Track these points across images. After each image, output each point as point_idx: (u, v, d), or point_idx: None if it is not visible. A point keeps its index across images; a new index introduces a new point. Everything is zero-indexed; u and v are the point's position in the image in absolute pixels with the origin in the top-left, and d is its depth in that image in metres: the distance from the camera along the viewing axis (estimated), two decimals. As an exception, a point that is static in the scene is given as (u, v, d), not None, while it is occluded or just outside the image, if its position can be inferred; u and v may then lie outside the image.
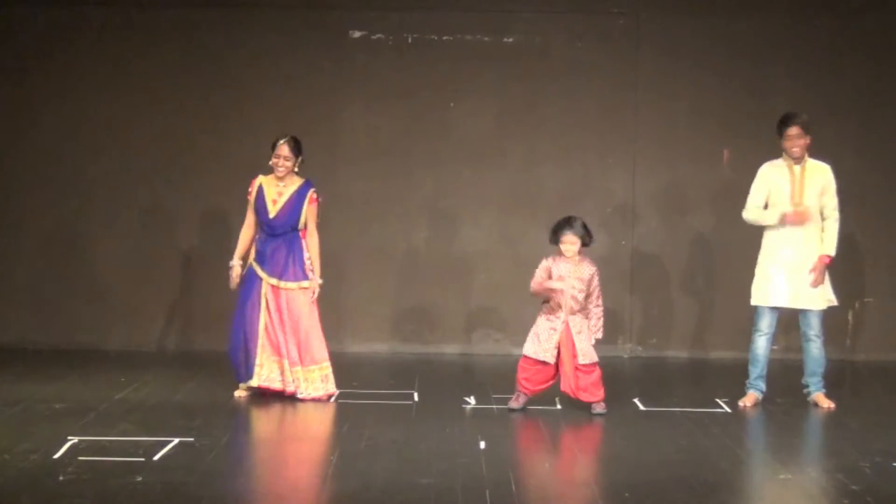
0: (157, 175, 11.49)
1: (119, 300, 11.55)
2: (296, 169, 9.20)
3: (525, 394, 8.87)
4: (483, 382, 9.93)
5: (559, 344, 8.74)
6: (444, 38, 11.56)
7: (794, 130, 9.05)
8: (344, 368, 9.43)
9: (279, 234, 9.13)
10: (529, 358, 8.83)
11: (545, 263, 8.87)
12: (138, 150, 11.47)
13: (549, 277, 8.81)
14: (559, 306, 8.78)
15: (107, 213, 11.51)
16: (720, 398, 9.31)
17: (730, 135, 11.49)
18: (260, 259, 9.13)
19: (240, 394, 9.13)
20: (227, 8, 11.46)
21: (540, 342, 8.80)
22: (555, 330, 8.77)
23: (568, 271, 8.80)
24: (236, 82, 11.48)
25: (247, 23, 11.48)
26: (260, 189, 9.17)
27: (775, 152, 9.19)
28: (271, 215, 9.12)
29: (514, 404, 8.87)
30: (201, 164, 11.44)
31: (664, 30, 11.56)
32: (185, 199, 11.48)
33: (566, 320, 8.76)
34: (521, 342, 8.92)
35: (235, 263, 9.21)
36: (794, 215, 9.02)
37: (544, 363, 8.77)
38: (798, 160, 9.07)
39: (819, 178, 9.08)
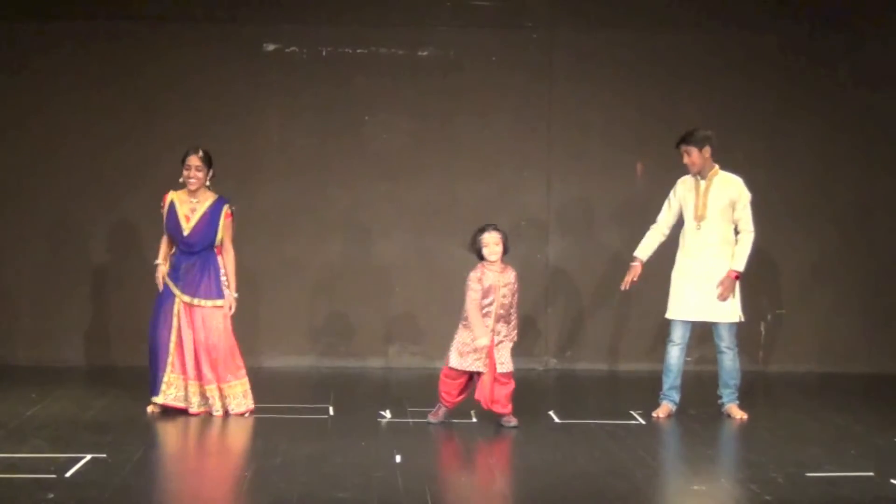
0: (68, 189, 11.35)
1: (29, 314, 11.39)
2: (207, 183, 9.04)
3: (446, 406, 8.83)
4: (399, 396, 9.92)
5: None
6: (359, 51, 11.55)
7: (681, 149, 9.13)
8: (259, 383, 9.37)
9: (195, 252, 9.01)
10: (453, 370, 8.76)
11: (475, 275, 8.75)
12: (49, 164, 11.32)
13: (482, 288, 8.69)
14: (488, 316, 8.73)
15: (17, 226, 11.35)
16: (634, 410, 9.35)
17: (643, 148, 11.57)
18: (174, 276, 8.98)
19: (153, 409, 9.03)
20: (140, 21, 11.35)
21: (464, 355, 8.71)
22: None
23: (496, 279, 8.72)
24: (149, 97, 11.36)
25: (160, 36, 11.38)
26: (171, 206, 9.00)
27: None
28: (185, 233, 8.95)
29: (432, 418, 8.85)
30: (114, 179, 11.31)
31: (578, 44, 11.63)
32: (97, 214, 11.35)
33: (493, 328, 8.73)
34: (437, 355, 8.92)
35: (160, 262, 9.05)
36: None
37: (466, 373, 8.74)
38: (697, 175, 9.15)
39: (726, 192, 9.08)
